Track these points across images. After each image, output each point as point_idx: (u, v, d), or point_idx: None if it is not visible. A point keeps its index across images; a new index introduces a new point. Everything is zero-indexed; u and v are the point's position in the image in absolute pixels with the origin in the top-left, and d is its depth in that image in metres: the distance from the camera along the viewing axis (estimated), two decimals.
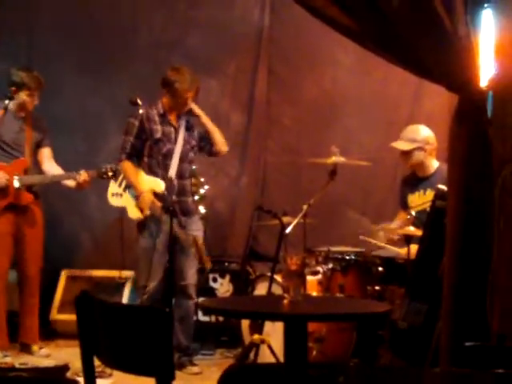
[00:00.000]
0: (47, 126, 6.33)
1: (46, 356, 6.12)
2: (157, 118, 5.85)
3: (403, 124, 6.02)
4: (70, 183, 6.11)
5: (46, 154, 6.27)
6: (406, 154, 5.67)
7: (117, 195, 5.93)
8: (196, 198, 6.65)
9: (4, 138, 6.05)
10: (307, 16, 3.79)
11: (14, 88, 6.01)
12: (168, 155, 5.82)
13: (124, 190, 5.90)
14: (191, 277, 5.88)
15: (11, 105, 6.04)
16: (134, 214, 5.82)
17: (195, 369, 5.83)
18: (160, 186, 5.68)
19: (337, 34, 3.80)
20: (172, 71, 5.78)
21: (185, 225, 5.75)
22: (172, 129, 5.87)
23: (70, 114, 7.19)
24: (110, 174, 5.98)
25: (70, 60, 7.28)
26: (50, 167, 6.25)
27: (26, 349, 6.22)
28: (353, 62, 7.01)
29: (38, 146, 6.23)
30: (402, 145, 5.68)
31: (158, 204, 5.64)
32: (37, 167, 6.24)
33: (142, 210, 5.74)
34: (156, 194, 5.70)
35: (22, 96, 6.03)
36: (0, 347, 5.99)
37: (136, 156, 5.87)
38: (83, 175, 5.99)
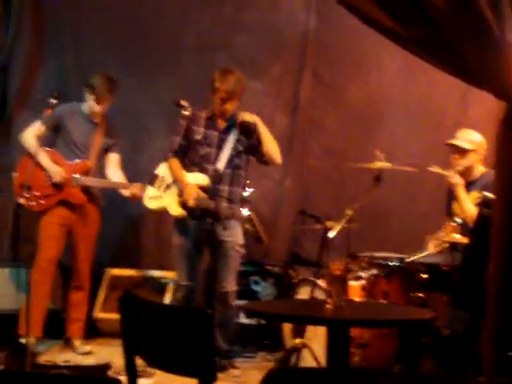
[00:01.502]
0: (121, 133, 6.46)
1: (87, 352, 6.17)
2: (203, 121, 5.83)
3: (449, 130, 5.97)
4: (126, 193, 6.18)
5: (112, 159, 6.37)
6: (463, 153, 5.65)
7: (155, 198, 5.90)
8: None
9: (74, 137, 6.18)
10: (353, 19, 3.77)
11: (86, 89, 6.18)
12: (206, 158, 5.78)
13: (164, 190, 5.88)
14: (230, 283, 5.81)
15: (84, 107, 6.23)
16: (175, 211, 5.76)
17: (236, 372, 5.81)
18: (204, 179, 5.64)
19: (383, 37, 3.78)
20: (219, 70, 5.77)
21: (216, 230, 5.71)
22: (216, 133, 5.82)
23: (113, 113, 7.23)
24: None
25: (115, 60, 7.32)
26: (112, 173, 6.34)
27: (68, 343, 6.29)
28: (398, 66, 6.96)
29: (106, 150, 6.34)
30: (462, 143, 5.67)
31: (203, 195, 5.63)
32: (102, 171, 6.34)
33: (185, 205, 5.69)
34: (201, 188, 5.68)
35: (90, 99, 6.16)
36: (33, 334, 5.88)
37: (183, 155, 5.87)
38: (136, 187, 6.08)
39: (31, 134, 6.13)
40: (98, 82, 6.12)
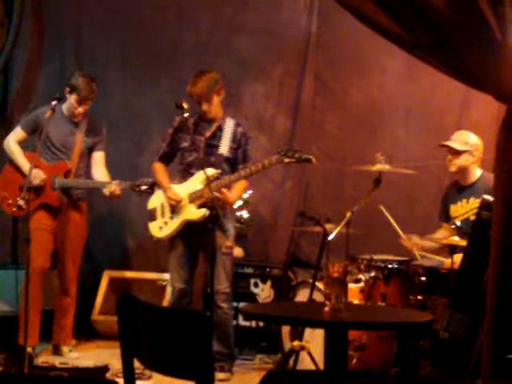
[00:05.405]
0: (104, 132, 6.27)
1: (76, 358, 6.05)
2: (191, 127, 5.79)
3: (450, 133, 5.96)
4: (106, 192, 6.00)
5: (96, 158, 6.22)
6: (457, 154, 5.66)
7: (165, 224, 5.79)
8: (240, 202, 6.63)
9: (52, 139, 6.05)
10: (355, 22, 3.78)
11: (67, 89, 6.05)
12: (193, 165, 5.75)
13: (172, 211, 5.79)
14: (218, 284, 5.59)
15: (63, 107, 6.10)
16: (196, 214, 5.67)
17: (221, 375, 5.63)
18: (203, 175, 5.54)
19: (384, 40, 3.79)
20: (193, 73, 5.77)
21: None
22: (202, 138, 5.78)
23: (115, 115, 7.23)
24: (144, 187, 5.90)
25: (116, 62, 7.34)
26: (97, 172, 6.20)
27: (56, 350, 6.19)
28: (400, 69, 6.95)
29: (90, 150, 6.21)
30: (455, 144, 5.69)
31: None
32: (87, 171, 6.22)
33: (204, 204, 5.61)
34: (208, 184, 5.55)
35: (71, 99, 6.03)
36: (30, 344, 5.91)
37: (168, 162, 5.89)
38: (114, 186, 5.91)
39: (12, 140, 6.09)
40: (81, 83, 5.98)
